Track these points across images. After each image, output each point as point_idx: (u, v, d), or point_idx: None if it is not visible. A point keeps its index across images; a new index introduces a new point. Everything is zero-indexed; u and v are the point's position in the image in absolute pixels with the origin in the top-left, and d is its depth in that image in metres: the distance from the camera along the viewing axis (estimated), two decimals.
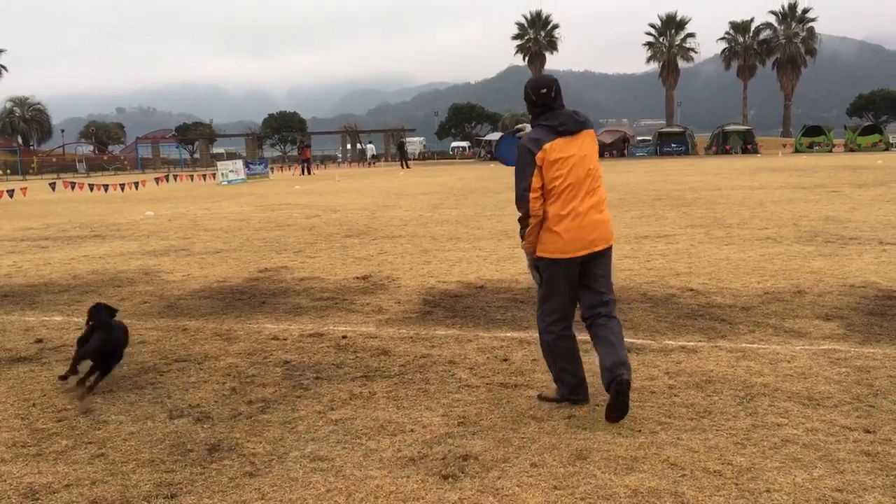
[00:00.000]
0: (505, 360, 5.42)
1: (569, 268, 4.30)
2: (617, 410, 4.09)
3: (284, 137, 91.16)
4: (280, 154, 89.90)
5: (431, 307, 7.18)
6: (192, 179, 37.51)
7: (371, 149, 72.36)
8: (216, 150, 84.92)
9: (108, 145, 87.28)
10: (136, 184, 30.20)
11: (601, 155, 54.38)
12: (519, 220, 4.45)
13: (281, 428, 4.22)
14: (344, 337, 6.15)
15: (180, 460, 3.83)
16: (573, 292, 4.38)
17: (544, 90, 4.36)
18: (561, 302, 4.39)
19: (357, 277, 8.84)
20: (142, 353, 5.85)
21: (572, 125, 4.31)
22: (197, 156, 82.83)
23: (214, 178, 37.25)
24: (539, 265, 4.41)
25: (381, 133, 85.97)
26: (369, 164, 63.25)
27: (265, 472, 3.66)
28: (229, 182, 35.60)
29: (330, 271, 9.34)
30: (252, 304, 7.56)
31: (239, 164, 40.03)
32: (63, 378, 5.01)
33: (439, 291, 7.90)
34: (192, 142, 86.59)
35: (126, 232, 14.61)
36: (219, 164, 39.05)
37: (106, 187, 28.59)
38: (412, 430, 4.11)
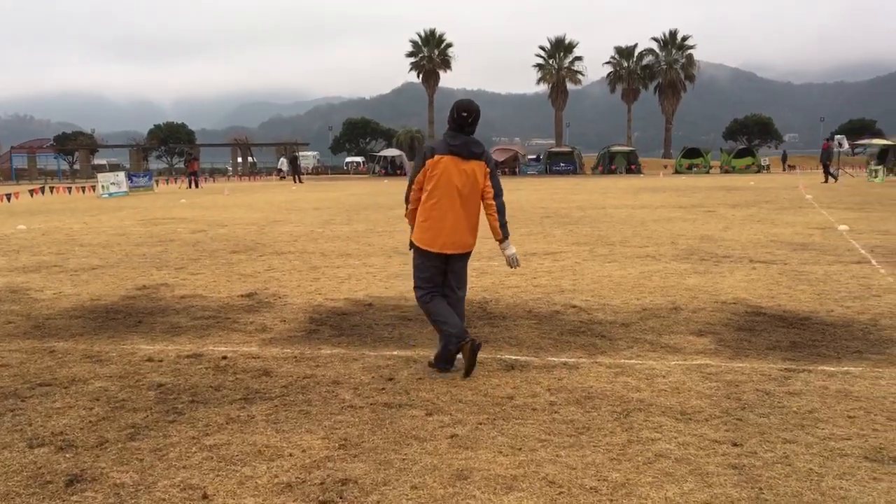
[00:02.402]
0: (390, 379, 5.36)
1: (430, 257, 5.40)
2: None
3: (171, 149, 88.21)
4: (167, 166, 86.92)
5: (318, 325, 7.05)
6: (70, 192, 35.72)
7: (284, 162, 69.30)
8: (98, 161, 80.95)
9: None
10: (9, 196, 28.46)
11: None
12: (404, 199, 5.66)
13: (151, 455, 4.02)
14: (224, 358, 5.95)
15: (38, 493, 3.58)
16: (436, 273, 5.44)
17: (465, 114, 5.25)
18: (426, 276, 5.44)
19: (241, 295, 8.59)
20: (2, 378, 5.47)
21: (464, 152, 5.27)
22: (77, 167, 79.01)
23: (95, 190, 35.62)
24: (413, 248, 5.52)
25: (273, 146, 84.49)
26: (282, 177, 61.24)
27: None
28: (111, 195, 34.11)
29: (213, 289, 9.04)
30: (127, 324, 7.22)
31: (121, 176, 38.43)
32: None
33: (327, 309, 7.78)
34: (71, 152, 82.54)
35: None
36: (100, 175, 37.36)
37: None
38: (291, 455, 3.99)
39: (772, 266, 9.97)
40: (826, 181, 34.30)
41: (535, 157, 62.61)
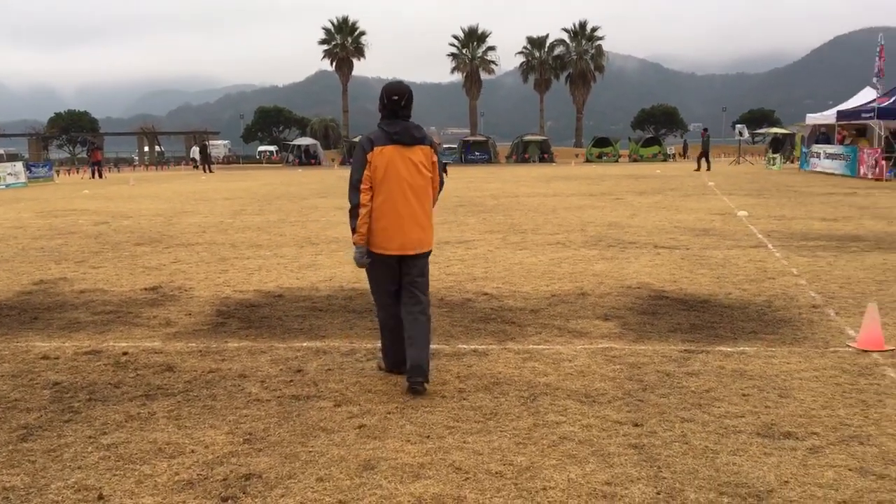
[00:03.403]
0: (299, 371, 5.29)
1: (385, 263, 4.86)
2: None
3: (73, 138, 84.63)
4: (69, 156, 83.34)
5: (225, 318, 6.90)
6: None
7: (197, 151, 64.62)
8: None
9: None
10: None
11: None
12: (349, 210, 4.85)
13: (44, 457, 3.85)
14: (125, 353, 5.75)
15: None
16: (393, 280, 4.93)
17: (396, 97, 4.80)
18: (384, 287, 4.96)
19: (145, 288, 8.32)
20: None
21: (406, 138, 4.80)
22: None
23: None
24: (368, 254, 4.89)
25: (182, 135, 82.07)
26: (195, 166, 58.49)
27: None
28: (7, 186, 32.49)
29: (115, 282, 8.73)
30: (22, 321, 6.90)
31: (19, 166, 36.66)
32: None
33: (235, 301, 7.62)
34: None
35: None
36: None
37: None
38: (192, 451, 3.89)
39: (675, 251, 10.29)
40: (698, 169, 35.58)
41: (468, 145, 62.04)
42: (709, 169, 35.78)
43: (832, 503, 3.27)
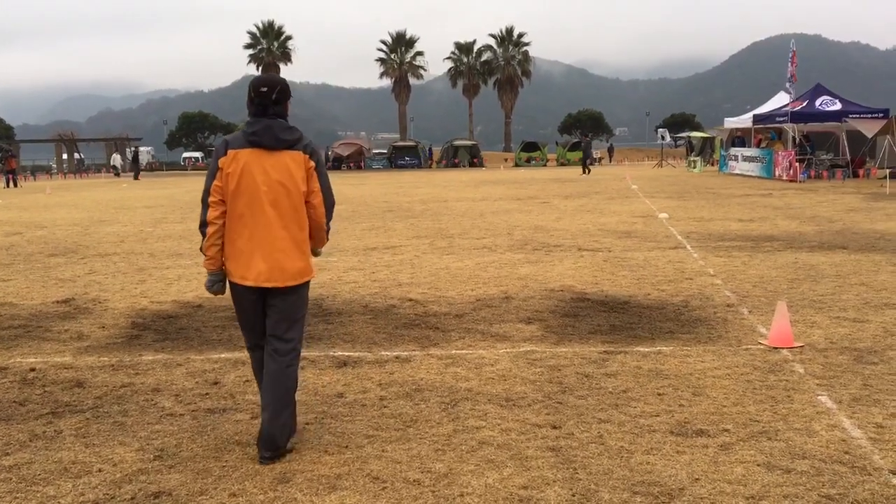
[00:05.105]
0: (215, 383, 5.17)
1: (246, 293, 3.96)
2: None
3: None
4: None
5: (140, 330, 6.70)
6: None
7: (117, 158, 60.19)
8: None
9: None
10: None
11: (338, 167, 52.17)
12: (199, 227, 4.04)
13: None
14: (32, 370, 5.52)
15: None
16: (256, 315, 4.02)
17: (264, 89, 3.89)
18: (247, 328, 4.10)
19: (57, 301, 8.02)
20: None
21: (268, 140, 3.83)
22: None
23: None
24: (229, 284, 4.02)
25: (102, 142, 79.62)
26: (117, 174, 56.19)
27: None
28: None
29: (25, 295, 8.39)
30: None
31: None
32: None
33: (152, 312, 7.40)
34: None
35: None
36: None
37: None
38: (100, 470, 3.75)
39: (598, 254, 10.47)
40: (586, 173, 36.70)
41: (401, 151, 61.42)
42: (587, 173, 36.79)
43: (740, 498, 3.36)
